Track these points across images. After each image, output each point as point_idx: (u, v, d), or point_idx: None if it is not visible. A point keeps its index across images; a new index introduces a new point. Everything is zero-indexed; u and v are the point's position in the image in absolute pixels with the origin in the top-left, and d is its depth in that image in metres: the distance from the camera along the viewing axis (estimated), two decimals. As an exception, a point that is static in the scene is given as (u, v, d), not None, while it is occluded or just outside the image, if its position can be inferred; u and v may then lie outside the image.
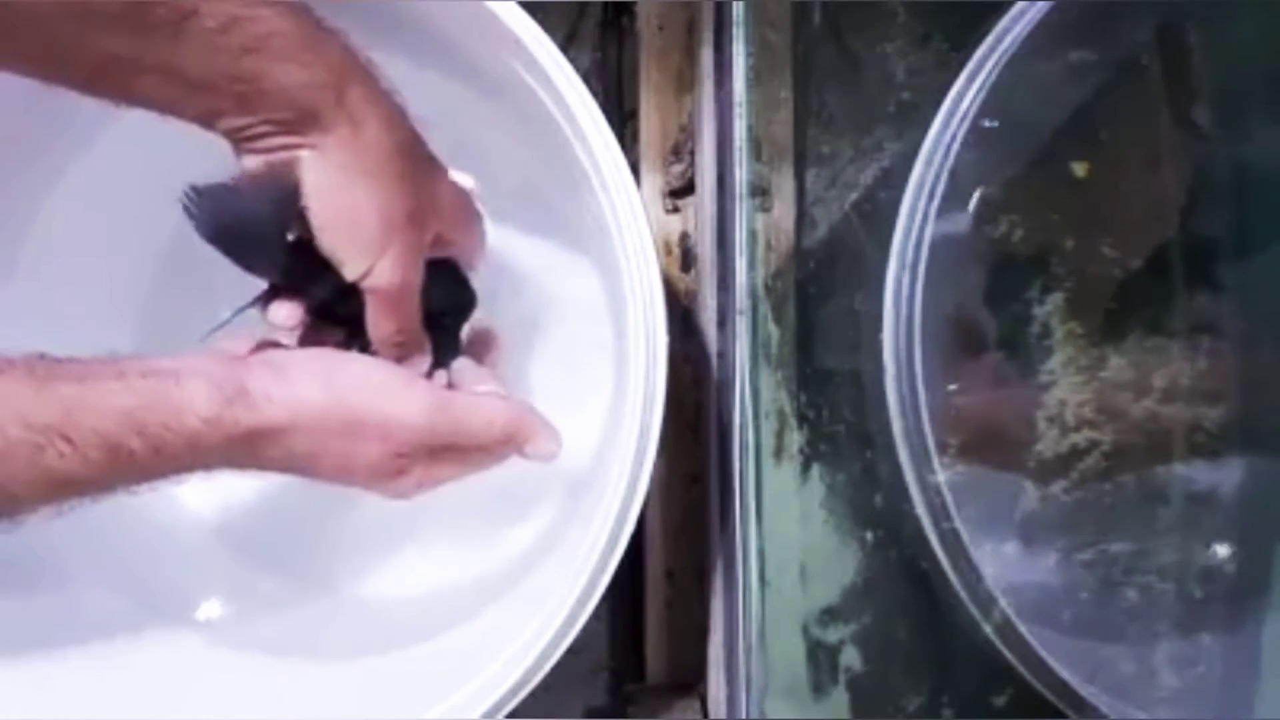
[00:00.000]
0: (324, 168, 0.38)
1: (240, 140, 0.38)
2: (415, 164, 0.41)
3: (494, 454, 0.43)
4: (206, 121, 0.37)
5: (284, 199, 0.38)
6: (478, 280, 0.48)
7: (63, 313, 0.55)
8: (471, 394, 0.44)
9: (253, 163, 0.38)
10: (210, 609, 0.55)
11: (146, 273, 0.59)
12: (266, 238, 0.40)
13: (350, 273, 0.40)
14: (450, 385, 0.45)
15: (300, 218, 0.39)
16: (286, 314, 0.42)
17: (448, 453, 0.42)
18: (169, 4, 0.34)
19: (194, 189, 0.38)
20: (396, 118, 0.39)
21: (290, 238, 0.40)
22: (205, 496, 0.59)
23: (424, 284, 0.42)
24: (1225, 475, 0.48)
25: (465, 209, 0.45)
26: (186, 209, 0.38)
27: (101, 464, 0.34)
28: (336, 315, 0.43)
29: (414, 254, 0.41)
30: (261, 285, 0.42)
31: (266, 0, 0.35)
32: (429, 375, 0.45)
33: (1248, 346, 0.48)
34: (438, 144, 0.43)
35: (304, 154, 0.38)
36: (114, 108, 0.37)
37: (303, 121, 0.37)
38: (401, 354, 0.43)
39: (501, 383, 0.46)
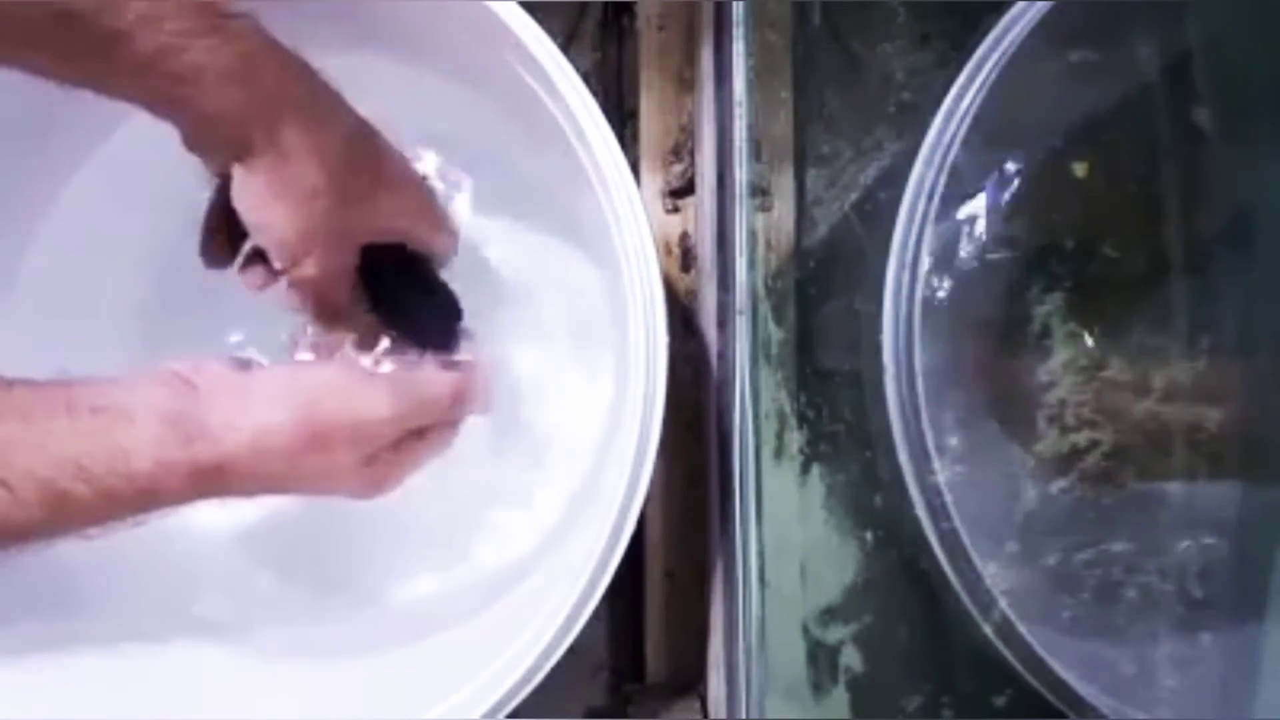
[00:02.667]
0: (250, 183, 0.39)
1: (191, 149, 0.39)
2: (346, 187, 0.40)
3: (451, 424, 0.44)
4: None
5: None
6: (477, 282, 0.48)
7: (67, 315, 0.55)
8: (418, 369, 0.44)
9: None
10: (211, 608, 0.55)
11: (148, 275, 0.59)
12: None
13: (275, 265, 0.41)
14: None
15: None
16: (249, 279, 0.44)
17: (408, 437, 0.42)
18: (97, 29, 0.33)
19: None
20: (331, 144, 0.39)
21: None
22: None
23: (386, 274, 0.45)
24: (1225, 475, 0.48)
25: (415, 205, 0.45)
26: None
27: (41, 509, 0.33)
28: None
29: (337, 254, 0.42)
30: None
31: (204, 30, 0.34)
32: (365, 349, 0.46)
33: (1248, 346, 0.48)
34: (436, 145, 0.43)
35: (235, 166, 0.39)
36: (113, 117, 0.37)
37: (234, 146, 0.38)
38: (332, 325, 0.45)
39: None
